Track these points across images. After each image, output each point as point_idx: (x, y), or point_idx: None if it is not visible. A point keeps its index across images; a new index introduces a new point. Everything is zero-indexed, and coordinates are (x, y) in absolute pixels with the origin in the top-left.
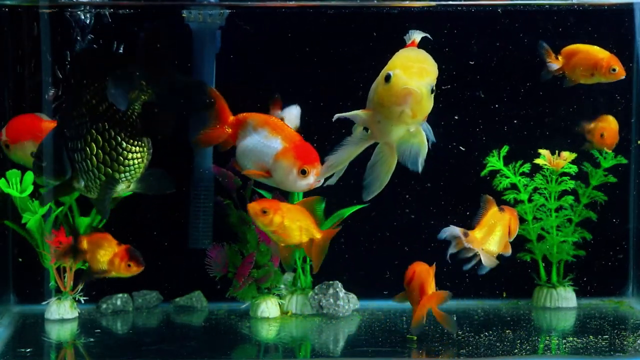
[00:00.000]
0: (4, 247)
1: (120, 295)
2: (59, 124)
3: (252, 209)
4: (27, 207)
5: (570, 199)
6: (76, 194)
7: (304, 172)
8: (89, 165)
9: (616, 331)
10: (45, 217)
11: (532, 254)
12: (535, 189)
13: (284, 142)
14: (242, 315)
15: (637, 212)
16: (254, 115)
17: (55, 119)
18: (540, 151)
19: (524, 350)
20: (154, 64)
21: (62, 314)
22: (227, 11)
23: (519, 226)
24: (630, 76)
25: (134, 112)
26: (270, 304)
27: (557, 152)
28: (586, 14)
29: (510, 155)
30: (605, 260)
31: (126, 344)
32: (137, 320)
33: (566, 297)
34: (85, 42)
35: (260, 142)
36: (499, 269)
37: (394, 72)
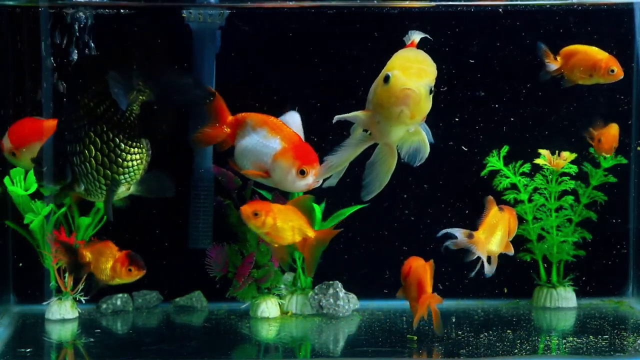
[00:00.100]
0: (4, 247)
1: (120, 295)
2: (57, 128)
3: (244, 211)
4: (28, 208)
5: (570, 199)
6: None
7: (302, 172)
8: (87, 167)
9: (616, 331)
10: (46, 217)
11: (532, 254)
12: (535, 189)
13: (283, 142)
14: (242, 315)
15: (637, 212)
16: (253, 115)
17: (53, 117)
18: (540, 151)
19: (524, 350)
20: (150, 64)
21: (63, 314)
22: (227, 11)
23: (517, 226)
24: (630, 76)
25: (132, 114)
26: (270, 304)
27: (557, 152)
28: (586, 14)
29: (510, 155)
30: (605, 260)
31: (126, 344)
32: (137, 320)
33: (566, 297)
34: (84, 43)
35: (259, 142)
36: (499, 269)
37: (392, 72)
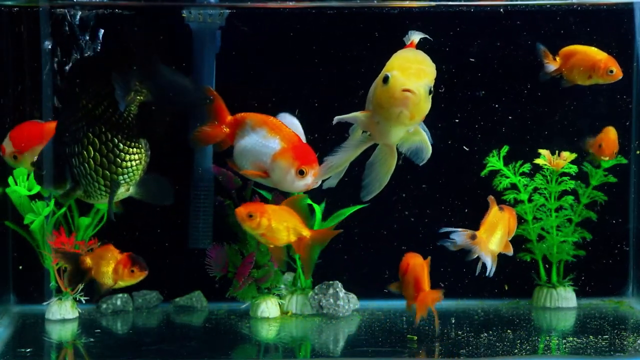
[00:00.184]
0: (3, 248)
1: (120, 295)
2: (56, 131)
3: (238, 213)
4: (29, 208)
5: (570, 199)
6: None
7: (301, 172)
8: (86, 168)
9: (616, 331)
10: (45, 217)
11: (532, 254)
12: (535, 189)
13: (282, 143)
14: (242, 315)
15: (637, 212)
16: (252, 115)
17: (53, 118)
18: (540, 151)
19: (524, 350)
20: (148, 64)
21: (64, 314)
22: (227, 11)
23: (517, 226)
24: (630, 76)
25: (130, 114)
26: (270, 304)
27: (557, 152)
28: (586, 14)
29: (510, 155)
30: (605, 260)
31: (126, 344)
32: (137, 320)
33: (566, 297)
34: (84, 43)
35: (258, 142)
36: (499, 269)
37: (391, 73)
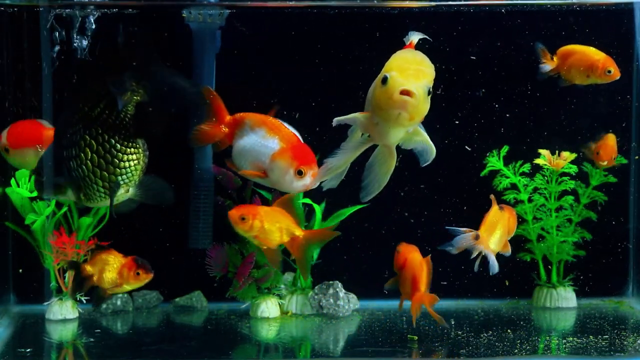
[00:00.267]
0: (3, 248)
1: (120, 295)
2: (55, 138)
3: (231, 216)
4: (29, 209)
5: (570, 199)
6: None
7: (300, 172)
8: (84, 171)
9: (616, 331)
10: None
11: (532, 254)
12: (535, 189)
13: (281, 143)
14: (242, 315)
15: (637, 212)
16: (251, 115)
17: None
18: (540, 151)
19: (524, 350)
20: (144, 65)
21: (65, 314)
22: (227, 11)
23: (517, 225)
24: (630, 76)
25: (127, 114)
26: (270, 304)
27: (557, 152)
28: (586, 14)
29: (510, 155)
30: (605, 260)
31: (126, 344)
32: (137, 320)
33: (566, 297)
34: (83, 43)
35: (257, 142)
36: (499, 269)
37: (390, 74)
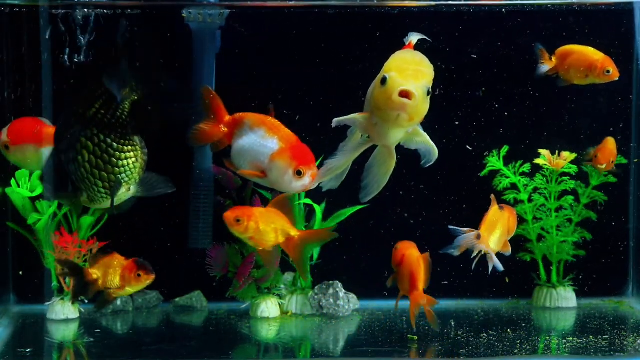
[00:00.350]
0: (3, 248)
1: None
2: (55, 142)
3: (226, 219)
4: (30, 209)
5: (570, 199)
6: None
7: (299, 173)
8: (83, 172)
9: (616, 331)
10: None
11: (532, 254)
12: (535, 189)
13: (281, 143)
14: (242, 315)
15: (637, 212)
16: (251, 115)
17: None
18: (540, 151)
19: (524, 350)
20: (140, 66)
21: (67, 314)
22: (227, 11)
23: (517, 225)
24: (630, 76)
25: (123, 113)
26: (270, 304)
27: (557, 152)
28: (586, 14)
29: (510, 155)
30: (605, 260)
31: (126, 344)
32: (137, 320)
33: (566, 297)
34: (83, 43)
35: (256, 142)
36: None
37: (389, 74)
